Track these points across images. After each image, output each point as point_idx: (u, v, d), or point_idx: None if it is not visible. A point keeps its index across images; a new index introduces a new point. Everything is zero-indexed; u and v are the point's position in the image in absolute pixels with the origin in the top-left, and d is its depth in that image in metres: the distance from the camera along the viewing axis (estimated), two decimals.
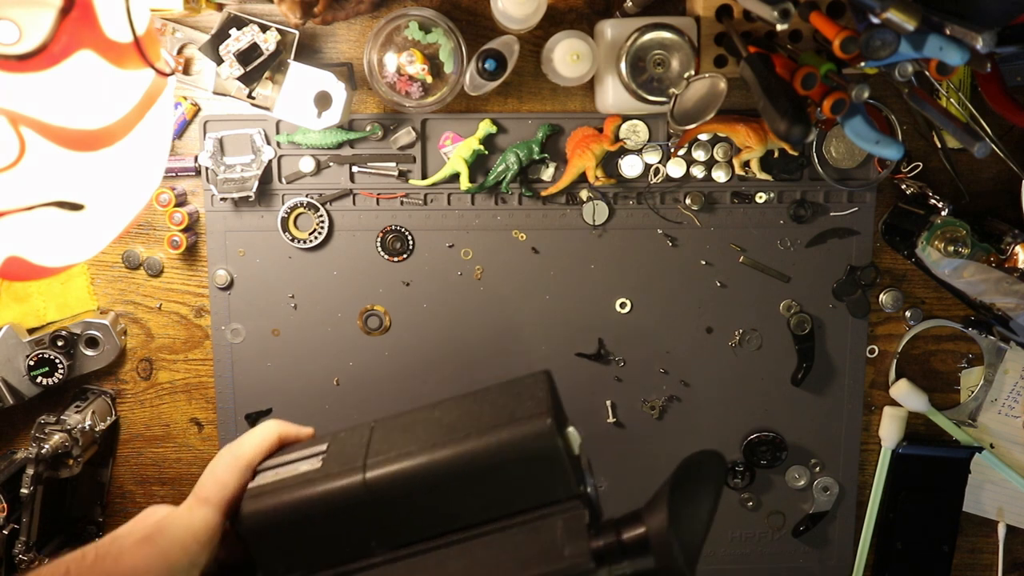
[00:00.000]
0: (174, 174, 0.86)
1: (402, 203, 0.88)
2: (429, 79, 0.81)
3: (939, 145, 0.87)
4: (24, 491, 0.81)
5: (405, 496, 0.51)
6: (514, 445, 0.50)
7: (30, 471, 0.81)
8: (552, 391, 0.54)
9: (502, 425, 0.51)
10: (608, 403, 0.91)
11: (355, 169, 0.87)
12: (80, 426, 0.84)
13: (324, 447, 0.55)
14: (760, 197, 0.88)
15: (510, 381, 0.56)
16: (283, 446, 0.60)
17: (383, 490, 0.51)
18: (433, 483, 0.51)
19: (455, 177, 0.87)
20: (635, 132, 0.87)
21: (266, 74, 0.79)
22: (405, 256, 0.88)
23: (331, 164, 0.87)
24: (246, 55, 0.77)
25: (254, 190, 0.85)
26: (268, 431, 0.60)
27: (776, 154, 0.87)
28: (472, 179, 0.86)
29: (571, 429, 0.53)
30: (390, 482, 0.51)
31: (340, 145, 0.86)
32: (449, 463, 0.51)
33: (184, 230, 0.86)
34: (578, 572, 0.48)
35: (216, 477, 0.56)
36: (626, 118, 0.86)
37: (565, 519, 0.50)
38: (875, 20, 0.65)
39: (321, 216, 0.87)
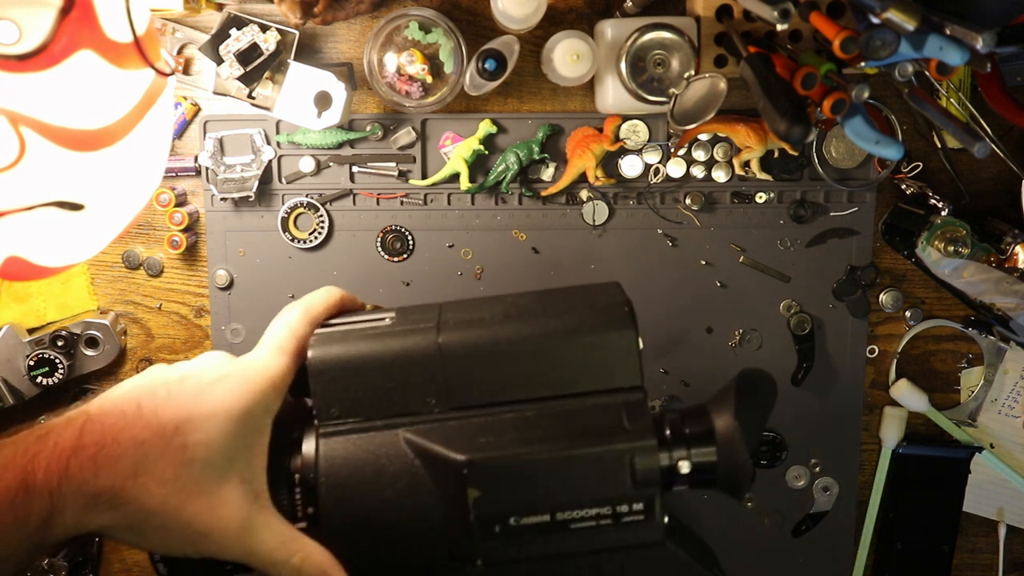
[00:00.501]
0: (174, 174, 0.86)
1: (402, 203, 0.88)
2: (429, 79, 0.81)
3: (939, 145, 0.87)
4: None
5: (474, 360, 0.51)
6: (591, 324, 0.51)
7: None
8: (624, 293, 0.55)
9: (580, 308, 0.52)
10: None
11: (355, 169, 0.87)
12: None
13: (392, 314, 0.56)
14: (760, 197, 0.88)
15: (581, 285, 0.58)
16: (343, 311, 0.59)
17: (454, 350, 0.51)
18: (504, 351, 0.51)
19: (455, 177, 0.87)
20: (635, 132, 0.87)
21: (266, 74, 0.79)
22: (405, 256, 0.88)
23: (331, 164, 0.87)
24: (246, 55, 0.77)
25: (254, 190, 0.85)
26: (332, 292, 0.59)
27: (776, 154, 0.87)
28: (472, 179, 0.86)
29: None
30: (462, 343, 0.51)
31: (340, 145, 0.86)
32: (524, 333, 0.52)
33: (184, 230, 0.86)
34: (638, 448, 0.48)
35: (292, 328, 0.55)
36: (626, 118, 0.86)
37: (627, 402, 0.50)
38: (875, 20, 0.65)
39: (321, 216, 0.87)
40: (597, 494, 0.48)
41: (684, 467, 0.49)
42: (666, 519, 0.49)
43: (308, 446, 0.52)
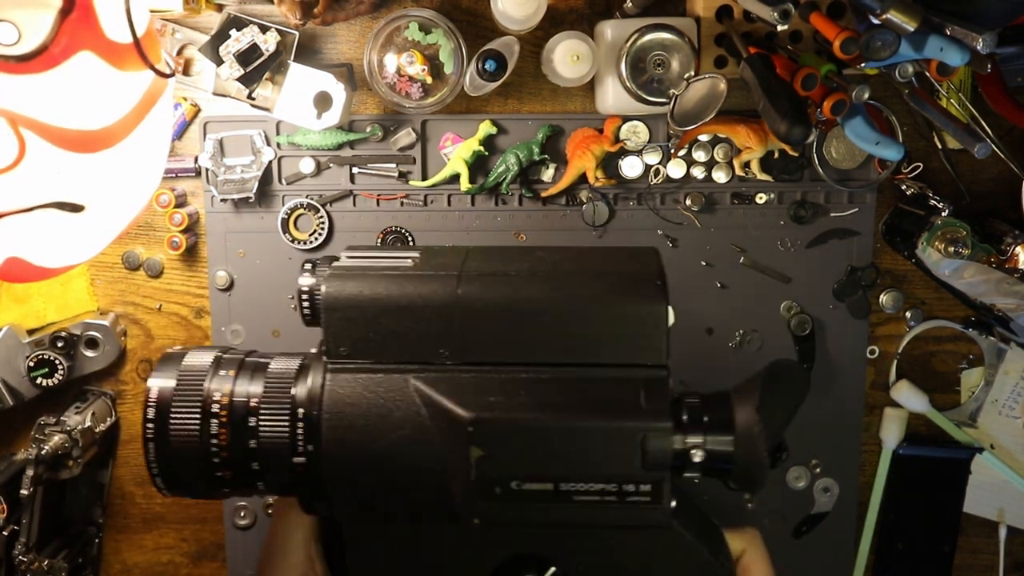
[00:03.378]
0: (174, 175, 0.86)
1: (402, 204, 0.88)
2: (429, 80, 0.81)
3: (939, 146, 0.87)
4: (24, 492, 0.81)
5: (492, 316, 0.49)
6: (619, 294, 0.49)
7: (30, 472, 0.81)
8: (660, 262, 0.53)
9: (610, 274, 0.50)
10: None
11: (355, 170, 0.87)
12: (80, 427, 0.84)
13: (416, 255, 0.54)
14: (760, 198, 0.88)
15: (616, 247, 0.56)
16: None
17: (473, 303, 0.49)
18: (525, 310, 0.49)
19: (455, 178, 0.87)
20: (635, 133, 0.87)
21: (266, 75, 0.79)
22: None
23: (331, 165, 0.87)
24: (246, 56, 0.77)
25: (254, 191, 0.85)
26: None
27: (776, 155, 0.87)
28: (472, 180, 0.86)
29: (669, 307, 0.52)
30: (482, 297, 0.49)
31: (340, 146, 0.86)
32: (547, 295, 0.50)
33: (184, 231, 0.86)
34: (652, 429, 0.47)
35: None
36: (626, 119, 0.86)
37: (648, 379, 0.48)
38: (875, 21, 0.65)
39: (321, 217, 0.87)
40: (604, 470, 0.47)
41: (697, 455, 0.48)
42: (674, 503, 0.49)
43: (315, 380, 0.50)
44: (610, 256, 0.54)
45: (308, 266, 0.57)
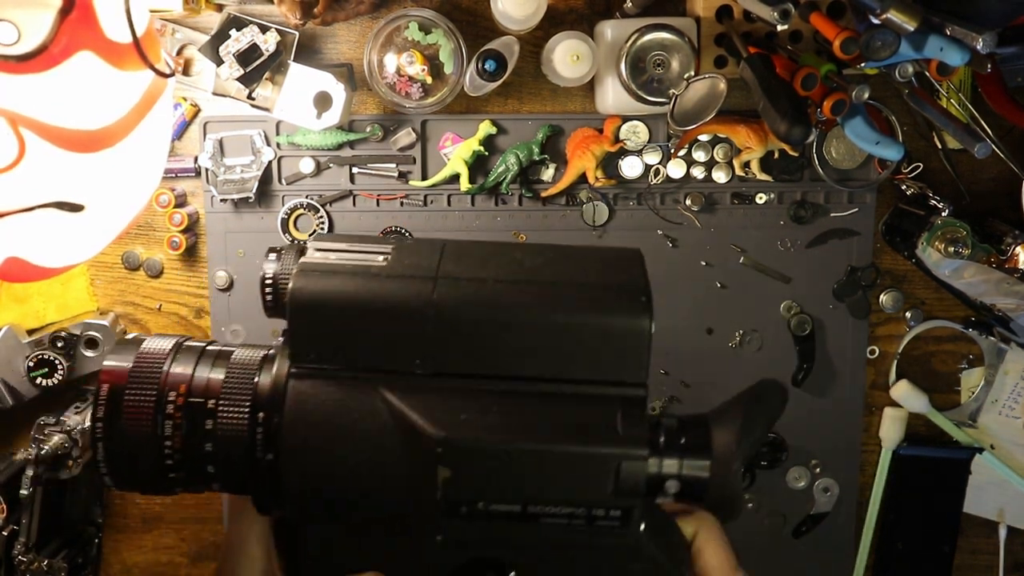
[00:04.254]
0: (174, 175, 0.86)
1: (402, 204, 0.88)
2: (429, 80, 0.81)
3: (939, 146, 0.87)
4: (24, 492, 0.81)
5: (469, 325, 0.47)
6: (602, 310, 0.47)
7: (30, 472, 0.81)
8: (645, 271, 0.50)
9: (592, 285, 0.48)
10: None
11: (355, 170, 0.87)
12: (80, 427, 0.84)
13: (389, 248, 0.51)
14: (760, 198, 0.88)
15: (599, 247, 0.53)
16: None
17: (449, 310, 0.47)
18: (504, 321, 0.47)
19: (455, 178, 0.87)
20: (635, 133, 0.87)
21: (266, 75, 0.79)
22: None
23: (331, 165, 0.87)
24: (246, 56, 0.77)
25: (254, 191, 0.85)
26: None
27: (776, 155, 0.87)
28: (472, 180, 0.86)
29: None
30: (460, 304, 0.47)
31: (340, 146, 0.86)
32: (528, 304, 0.47)
33: (184, 231, 0.86)
34: (628, 456, 0.45)
35: None
36: (626, 119, 0.86)
37: (626, 399, 0.47)
38: (875, 21, 0.65)
39: (321, 217, 0.87)
40: (574, 495, 0.46)
41: (672, 487, 0.46)
42: (643, 526, 0.48)
43: (277, 384, 0.48)
44: (592, 260, 0.52)
45: (273, 256, 0.55)
